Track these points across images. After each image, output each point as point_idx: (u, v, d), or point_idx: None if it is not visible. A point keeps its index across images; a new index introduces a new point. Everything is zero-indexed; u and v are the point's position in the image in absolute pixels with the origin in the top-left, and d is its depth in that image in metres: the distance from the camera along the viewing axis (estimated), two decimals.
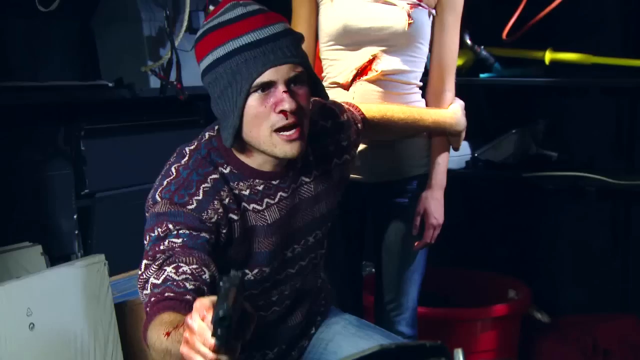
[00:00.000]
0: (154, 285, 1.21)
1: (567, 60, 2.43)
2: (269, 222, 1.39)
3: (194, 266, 1.22)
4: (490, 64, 2.57)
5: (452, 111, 1.79)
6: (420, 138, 1.84)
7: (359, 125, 1.59)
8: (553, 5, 2.30)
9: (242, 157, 1.37)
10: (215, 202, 1.31)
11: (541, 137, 2.60)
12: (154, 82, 2.36)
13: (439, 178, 1.83)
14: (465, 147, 2.57)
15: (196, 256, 1.24)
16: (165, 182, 1.32)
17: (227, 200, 1.33)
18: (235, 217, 1.34)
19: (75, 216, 2.33)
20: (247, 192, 1.36)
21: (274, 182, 1.39)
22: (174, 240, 1.25)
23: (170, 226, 1.26)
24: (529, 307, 2.48)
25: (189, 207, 1.28)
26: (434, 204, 1.82)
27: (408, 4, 1.71)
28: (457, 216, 1.91)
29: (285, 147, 1.31)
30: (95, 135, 2.34)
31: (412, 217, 1.84)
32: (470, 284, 2.66)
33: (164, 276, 1.20)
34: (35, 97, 2.20)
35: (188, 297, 1.18)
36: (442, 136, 1.82)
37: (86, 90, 2.33)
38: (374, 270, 2.55)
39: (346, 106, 1.59)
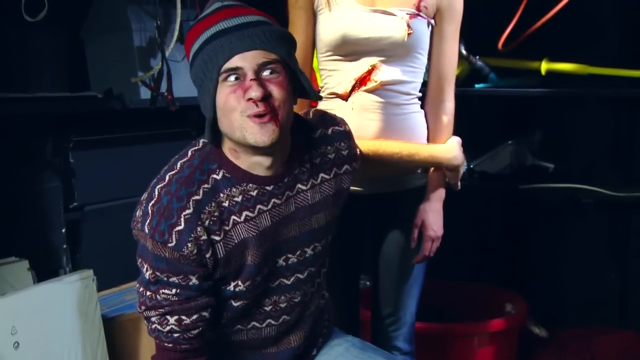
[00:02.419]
0: (160, 332, 1.36)
1: (563, 70, 2.43)
2: (260, 229, 1.36)
3: (195, 317, 1.34)
4: (486, 74, 2.56)
5: (449, 146, 1.79)
6: None
7: (358, 151, 1.56)
8: (549, 15, 2.30)
9: (233, 160, 1.35)
10: (198, 228, 1.30)
11: (537, 148, 2.59)
12: (145, 93, 2.34)
13: (438, 190, 1.80)
14: None
15: (193, 306, 1.34)
16: (149, 208, 1.31)
17: (209, 221, 1.32)
18: (217, 238, 1.33)
19: (63, 230, 2.32)
20: (239, 199, 1.34)
21: (267, 188, 1.37)
22: (166, 291, 1.33)
23: (158, 273, 1.32)
24: (526, 321, 2.46)
25: (170, 245, 1.29)
26: (432, 215, 1.79)
27: (407, 14, 1.69)
28: (452, 228, 1.89)
29: (255, 132, 1.28)
30: (84, 147, 2.32)
31: (409, 230, 1.81)
32: (466, 297, 2.63)
33: (168, 328, 1.35)
34: (23, 108, 2.18)
35: (193, 344, 1.37)
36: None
37: (75, 102, 2.31)
38: (368, 283, 2.55)
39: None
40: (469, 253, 2.75)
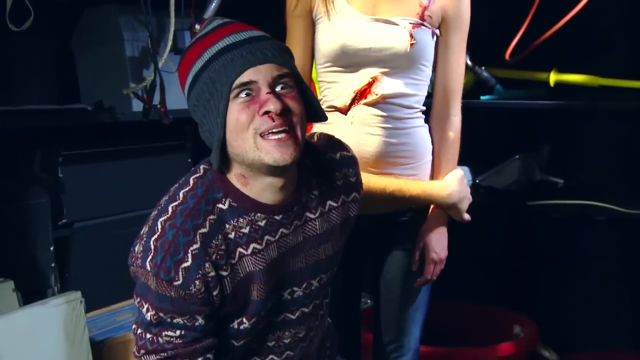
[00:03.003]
0: None
1: (573, 81, 2.35)
2: (267, 262, 1.29)
3: None
4: (492, 85, 2.50)
5: (445, 183, 1.73)
6: (424, 163, 1.75)
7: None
8: (559, 24, 2.22)
9: (240, 187, 1.27)
10: (206, 264, 1.23)
11: (546, 162, 2.53)
12: (137, 106, 2.30)
13: (442, 209, 1.75)
14: (466, 173, 2.42)
15: (199, 349, 1.27)
16: (152, 243, 1.23)
17: (216, 255, 1.24)
18: (224, 273, 1.26)
19: (52, 248, 2.26)
20: (247, 230, 1.27)
21: (276, 218, 1.29)
22: (170, 333, 1.26)
23: (161, 314, 1.24)
24: (536, 344, 2.38)
25: (176, 283, 1.22)
26: (435, 237, 1.74)
27: (410, 23, 1.64)
28: (457, 246, 1.83)
29: (273, 151, 1.20)
30: (74, 161, 2.28)
31: (411, 251, 1.77)
32: (472, 318, 2.56)
33: None
34: (10, 121, 2.14)
35: None
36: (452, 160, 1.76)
37: (64, 114, 2.27)
38: (369, 301, 2.50)
39: None
40: (474, 272, 2.68)
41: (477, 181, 2.56)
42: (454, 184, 1.73)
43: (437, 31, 1.69)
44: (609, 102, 2.33)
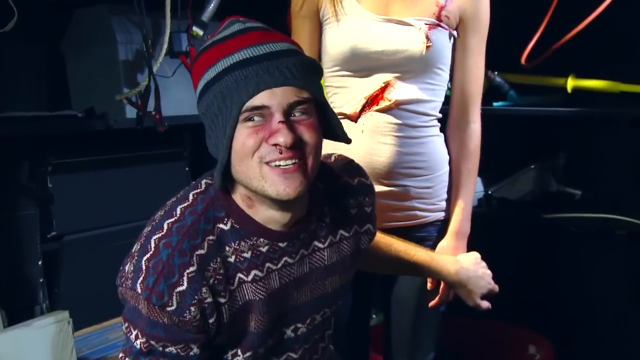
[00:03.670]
0: None
1: (591, 87, 2.29)
2: (268, 292, 1.19)
3: None
4: (505, 91, 2.45)
5: (456, 258, 1.62)
6: (440, 174, 1.68)
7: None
8: (579, 27, 2.15)
9: (246, 208, 1.18)
10: (203, 289, 1.14)
11: (562, 173, 2.49)
12: (130, 112, 2.22)
13: (462, 225, 1.67)
14: (477, 184, 2.45)
15: None
16: (143, 262, 1.13)
17: (214, 280, 1.15)
18: (222, 300, 1.16)
19: (40, 262, 2.20)
20: (248, 255, 1.18)
21: (280, 245, 1.20)
22: None
23: (152, 342, 1.15)
24: None
25: (169, 309, 1.12)
26: (455, 255, 1.65)
27: (426, 24, 1.57)
28: None
29: (278, 183, 1.11)
30: (64, 170, 2.23)
31: None
32: (484, 337, 2.50)
33: None
34: None
35: None
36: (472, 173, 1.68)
37: (54, 121, 2.19)
38: (374, 316, 2.41)
39: None
40: None
41: (490, 192, 2.52)
42: (466, 262, 1.63)
43: (455, 33, 1.62)
44: (630, 109, 2.27)
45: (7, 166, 2.15)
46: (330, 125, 1.20)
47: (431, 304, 1.68)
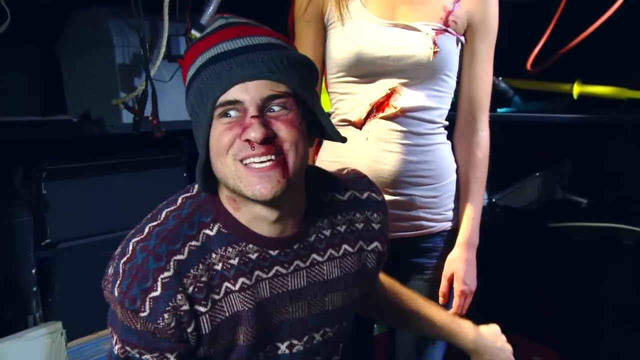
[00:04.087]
0: None
1: (598, 93, 2.26)
2: (257, 301, 1.15)
3: None
4: (510, 97, 2.42)
5: (476, 327, 1.56)
6: (447, 183, 1.65)
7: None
8: (586, 33, 2.12)
9: (232, 211, 1.15)
10: (178, 296, 1.10)
11: (568, 180, 2.46)
12: (127, 117, 2.19)
13: (472, 235, 1.65)
14: None
15: None
16: (120, 265, 1.12)
17: (193, 287, 1.11)
18: (203, 309, 1.12)
19: (33, 270, 2.17)
20: (235, 262, 1.14)
21: (271, 252, 1.16)
22: None
23: (128, 348, 1.12)
24: None
25: (142, 314, 1.09)
26: (465, 266, 1.64)
27: (433, 29, 1.54)
28: None
29: (253, 182, 1.08)
30: (58, 176, 2.20)
31: (434, 282, 1.66)
32: None
33: None
34: None
35: None
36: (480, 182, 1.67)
37: (48, 126, 2.17)
38: (375, 325, 2.38)
39: None
40: (490, 298, 2.57)
41: (494, 200, 2.49)
42: (485, 331, 1.57)
43: (463, 38, 1.60)
44: (637, 115, 2.23)
45: (0, 172, 2.12)
46: (320, 123, 1.16)
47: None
